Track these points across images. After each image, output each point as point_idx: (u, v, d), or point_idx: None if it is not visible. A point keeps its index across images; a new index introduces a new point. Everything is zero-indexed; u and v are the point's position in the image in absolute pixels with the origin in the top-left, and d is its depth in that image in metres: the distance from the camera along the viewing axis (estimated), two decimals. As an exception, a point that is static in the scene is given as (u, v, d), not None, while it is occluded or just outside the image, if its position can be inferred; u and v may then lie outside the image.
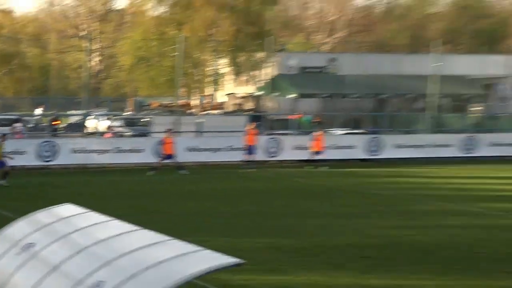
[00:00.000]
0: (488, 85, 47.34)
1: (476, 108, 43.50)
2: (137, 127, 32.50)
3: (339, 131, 34.93)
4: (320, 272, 11.41)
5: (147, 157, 25.79)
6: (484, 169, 30.44)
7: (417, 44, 53.30)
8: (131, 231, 6.79)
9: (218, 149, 28.23)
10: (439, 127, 37.19)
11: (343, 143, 31.97)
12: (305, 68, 46.72)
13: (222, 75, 43.17)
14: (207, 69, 42.29)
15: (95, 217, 7.55)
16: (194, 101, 42.06)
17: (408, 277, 11.49)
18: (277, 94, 43.74)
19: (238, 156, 26.91)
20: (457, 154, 33.79)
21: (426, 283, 11.18)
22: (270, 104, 42.56)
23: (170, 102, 41.13)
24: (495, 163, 33.08)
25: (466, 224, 16.95)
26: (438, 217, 17.87)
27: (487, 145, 34.36)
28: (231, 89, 44.25)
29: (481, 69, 46.26)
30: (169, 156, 23.91)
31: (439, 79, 39.20)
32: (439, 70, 39.19)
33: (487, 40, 58.27)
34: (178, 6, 43.34)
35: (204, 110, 39.36)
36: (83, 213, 7.69)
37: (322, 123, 35.41)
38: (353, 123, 37.67)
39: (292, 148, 30.28)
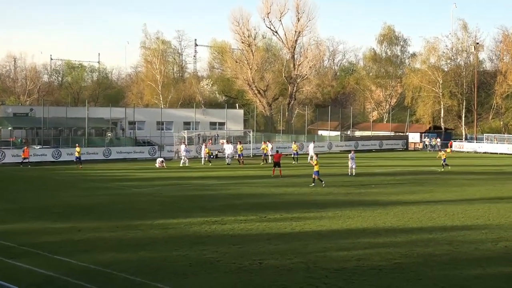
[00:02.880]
0: (114, 122, 62.19)
1: (109, 133, 58.86)
2: None
3: (38, 147, 51.07)
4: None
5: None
6: (115, 166, 47.37)
7: (77, 102, 77.47)
8: None
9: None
10: (90, 143, 53.16)
11: (39, 153, 49.13)
12: (15, 113, 62.16)
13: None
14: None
15: None
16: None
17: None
18: (1, 127, 58.70)
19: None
20: (101, 158, 51.21)
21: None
22: (-2, 133, 58.35)
23: None
24: (121, 162, 50.65)
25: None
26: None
27: (116, 152, 52.45)
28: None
29: (111, 114, 59.27)
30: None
31: (88, 119, 56.12)
32: (89, 114, 56.66)
33: (114, 99, 79.53)
34: None
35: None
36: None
37: (27, 142, 53.68)
38: (48, 143, 52.89)
39: (12, 155, 47.10)
